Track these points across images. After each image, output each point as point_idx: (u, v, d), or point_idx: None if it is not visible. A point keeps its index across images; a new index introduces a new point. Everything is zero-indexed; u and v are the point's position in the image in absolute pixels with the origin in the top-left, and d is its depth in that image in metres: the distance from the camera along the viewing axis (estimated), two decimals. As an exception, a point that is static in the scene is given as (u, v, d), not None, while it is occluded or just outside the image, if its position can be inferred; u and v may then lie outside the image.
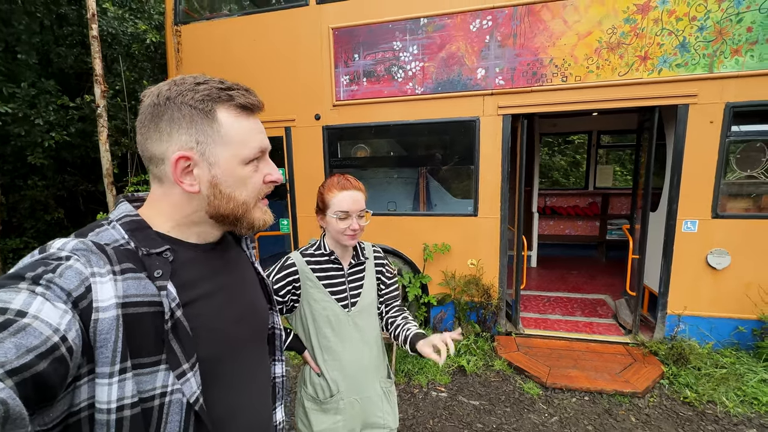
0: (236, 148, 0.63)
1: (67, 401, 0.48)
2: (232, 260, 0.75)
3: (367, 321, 1.33)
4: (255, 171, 0.66)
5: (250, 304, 0.75)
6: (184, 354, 0.58)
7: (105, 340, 0.49)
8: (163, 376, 0.56)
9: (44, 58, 5.21)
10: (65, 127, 4.77)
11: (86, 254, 0.52)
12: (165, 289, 0.57)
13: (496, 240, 3.49)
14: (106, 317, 0.50)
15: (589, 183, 6.25)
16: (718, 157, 2.98)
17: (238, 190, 0.64)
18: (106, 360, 0.49)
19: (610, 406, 2.67)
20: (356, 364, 1.30)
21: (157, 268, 0.58)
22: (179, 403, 0.57)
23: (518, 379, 3.02)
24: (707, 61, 2.90)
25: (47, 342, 0.43)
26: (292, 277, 1.25)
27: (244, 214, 0.66)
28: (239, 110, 0.64)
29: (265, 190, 0.68)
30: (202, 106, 0.60)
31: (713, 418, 2.53)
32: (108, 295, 0.51)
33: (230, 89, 0.63)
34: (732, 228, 3.04)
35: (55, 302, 0.46)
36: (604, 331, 3.57)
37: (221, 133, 0.61)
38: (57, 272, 0.48)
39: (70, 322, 0.46)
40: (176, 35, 4.07)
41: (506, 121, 3.32)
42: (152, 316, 0.55)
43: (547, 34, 3.13)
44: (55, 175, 5.84)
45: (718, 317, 3.17)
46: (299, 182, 3.92)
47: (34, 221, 5.77)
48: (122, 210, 0.63)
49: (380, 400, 1.36)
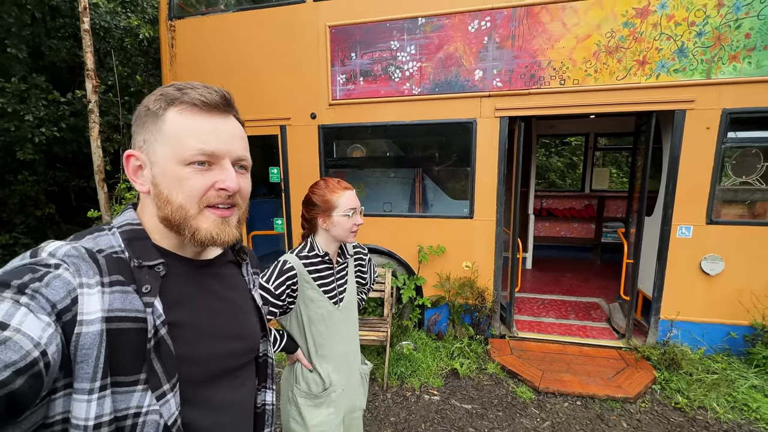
0: (173, 147, 0.58)
1: (41, 413, 0.47)
2: (226, 282, 0.72)
3: (351, 314, 1.44)
4: (198, 174, 0.59)
5: (239, 327, 0.72)
6: (166, 374, 0.55)
7: (86, 355, 0.48)
8: (139, 396, 0.53)
9: (35, 51, 5.11)
10: (56, 122, 4.68)
11: (77, 262, 0.51)
12: (151, 305, 0.55)
13: (491, 242, 3.47)
14: (90, 331, 0.48)
15: (585, 185, 6.26)
16: (714, 163, 2.98)
17: (174, 193, 0.59)
18: (86, 376, 0.48)
19: (602, 411, 2.67)
20: (345, 356, 1.40)
21: (146, 283, 0.56)
22: (154, 424, 0.54)
23: (511, 382, 3.01)
24: (705, 67, 2.89)
25: (26, 357, 0.41)
26: (292, 281, 1.28)
27: (184, 221, 0.60)
28: (191, 108, 0.59)
29: (215, 198, 0.60)
30: (155, 107, 0.59)
31: (704, 424, 2.54)
32: (94, 308, 0.49)
33: (189, 88, 0.59)
34: (726, 234, 3.05)
35: (38, 314, 0.45)
36: (597, 335, 3.58)
37: (162, 131, 0.58)
38: (44, 281, 0.47)
39: (52, 335, 0.45)
40: (170, 30, 4.00)
41: (503, 124, 3.30)
42: (135, 332, 0.53)
43: (545, 36, 3.11)
44: (46, 171, 5.75)
45: (711, 323, 3.18)
46: (294, 182, 3.88)
47: (24, 217, 5.68)
48: (126, 217, 0.62)
49: (359, 385, 1.49)
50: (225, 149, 0.61)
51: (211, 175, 0.60)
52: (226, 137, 0.61)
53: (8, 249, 5.56)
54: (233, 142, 0.62)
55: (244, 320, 0.74)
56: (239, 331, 0.71)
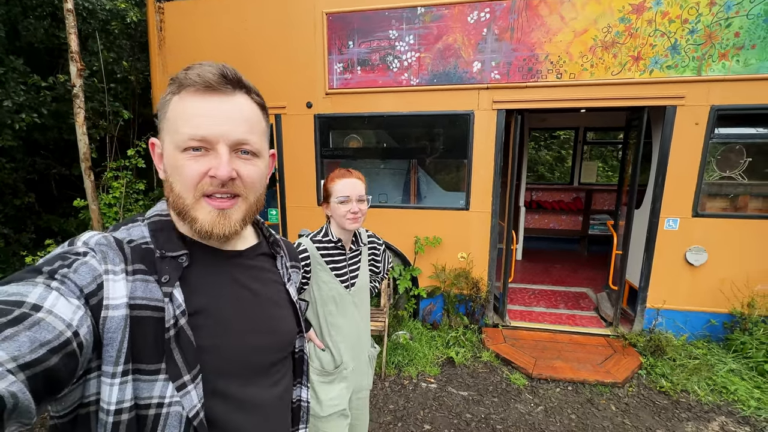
0: (171, 133, 0.57)
1: (79, 392, 0.50)
2: (256, 275, 0.70)
3: (362, 299, 1.52)
4: (192, 161, 0.56)
5: (268, 321, 0.69)
6: (186, 365, 0.55)
7: (112, 338, 0.49)
8: (161, 386, 0.53)
9: (11, 31, 4.84)
10: (36, 108, 4.46)
11: (105, 250, 0.53)
12: (170, 295, 0.55)
13: (486, 234, 3.53)
14: (116, 315, 0.50)
15: (574, 178, 6.39)
16: (702, 158, 3.09)
17: (175, 181, 0.58)
18: (110, 359, 0.49)
19: (592, 396, 2.79)
20: (354, 336, 1.47)
21: (166, 273, 0.56)
22: (178, 416, 0.54)
23: (505, 370, 3.10)
24: (696, 64, 2.98)
25: (60, 337, 0.43)
26: (305, 262, 1.37)
27: (183, 210, 0.58)
28: (189, 89, 0.56)
29: (208, 186, 0.57)
30: (167, 93, 0.59)
31: (687, 406, 2.68)
32: (120, 294, 0.51)
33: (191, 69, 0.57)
34: (710, 226, 3.18)
35: (69, 297, 0.47)
36: (586, 323, 3.71)
37: (167, 117, 0.58)
38: (72, 267, 0.49)
39: (83, 317, 0.47)
40: (159, 12, 3.84)
41: (500, 116, 3.33)
42: (155, 321, 0.53)
43: (544, 29, 3.13)
44: (25, 158, 5.49)
45: (693, 311, 3.34)
46: (289, 172, 3.83)
47: (2, 206, 5.43)
48: (157, 208, 0.64)
49: (367, 366, 1.56)
50: (217, 132, 0.56)
51: (205, 161, 0.56)
52: (221, 119, 0.56)
53: (-14, 239, 5.33)
54: (230, 123, 0.57)
55: (276, 314, 0.71)
56: (269, 324, 0.69)
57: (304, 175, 3.80)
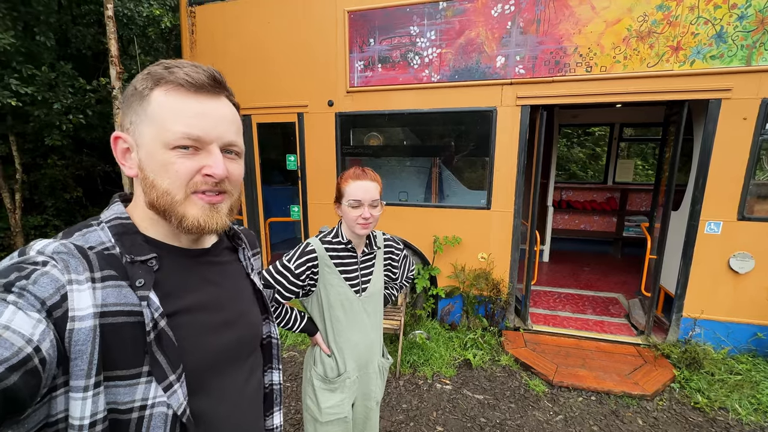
0: (158, 129, 0.55)
1: (44, 412, 0.46)
2: (223, 270, 0.72)
3: (374, 306, 1.43)
4: (184, 159, 0.56)
5: (240, 315, 0.71)
6: (170, 365, 0.55)
7: (81, 351, 0.47)
8: (143, 388, 0.53)
9: (62, 38, 5.24)
10: (82, 110, 4.81)
11: (66, 258, 0.50)
12: (147, 299, 0.54)
13: (508, 234, 3.42)
14: (83, 327, 0.47)
15: (608, 177, 6.06)
16: (750, 157, 2.82)
17: (160, 177, 0.56)
18: (81, 373, 0.47)
19: (617, 408, 2.64)
20: (362, 344, 1.40)
21: (140, 277, 0.55)
22: (162, 416, 0.55)
23: (524, 375, 3.00)
24: (745, 53, 2.72)
25: (19, 353, 0.40)
26: (312, 263, 1.31)
27: (170, 207, 0.58)
28: (176, 87, 0.56)
29: (201, 184, 0.58)
30: (141, 86, 0.56)
31: (724, 425, 2.47)
32: (85, 304, 0.48)
33: (176, 66, 0.56)
34: (758, 231, 2.91)
35: (28, 311, 0.44)
36: (615, 330, 3.51)
37: (148, 112, 0.56)
38: (31, 279, 0.46)
39: (44, 332, 0.44)
40: (191, 16, 4.02)
41: (525, 112, 3.20)
42: (132, 326, 0.53)
43: (572, 20, 2.97)
44: (74, 155, 5.96)
45: (737, 322, 3.07)
46: (311, 169, 3.89)
47: (54, 199, 5.93)
48: (114, 211, 0.61)
49: (376, 376, 1.49)
50: (213, 134, 0.58)
51: (197, 159, 0.57)
52: (214, 121, 0.58)
53: (40, 230, 5.83)
54: (222, 125, 0.59)
55: (246, 307, 0.74)
56: (241, 318, 0.71)
57: (325, 173, 3.85)
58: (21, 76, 4.24)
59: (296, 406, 2.63)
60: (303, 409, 1.46)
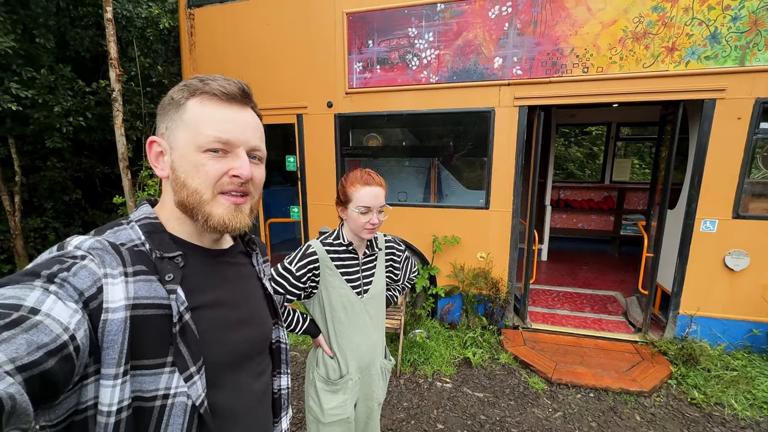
0: (192, 133, 0.61)
1: (74, 399, 0.50)
2: (240, 271, 0.76)
3: (376, 307, 1.43)
4: (214, 161, 0.62)
5: (253, 315, 0.75)
6: (192, 357, 0.59)
7: (113, 341, 0.50)
8: (167, 378, 0.56)
9: (60, 40, 5.24)
10: (82, 112, 4.82)
11: (101, 254, 0.54)
12: (175, 292, 0.58)
13: (507, 233, 3.45)
14: (115, 318, 0.51)
15: (605, 176, 6.10)
16: (744, 155, 2.86)
17: (191, 177, 0.61)
18: (112, 362, 0.50)
19: (615, 404, 2.67)
20: (364, 346, 1.40)
21: (168, 272, 0.59)
22: (182, 405, 0.58)
23: (523, 373, 3.03)
24: (739, 54, 2.76)
25: (57, 340, 0.43)
26: (313, 265, 1.31)
27: (198, 206, 0.62)
28: (210, 97, 0.62)
29: (228, 184, 0.63)
30: (178, 96, 0.62)
31: (720, 420, 2.51)
32: (118, 297, 0.52)
33: (211, 80, 0.63)
34: (753, 229, 2.95)
35: (66, 301, 0.47)
36: (613, 328, 3.55)
37: (183, 118, 0.62)
38: (71, 271, 0.49)
39: (80, 321, 0.47)
40: (190, 18, 4.04)
41: (522, 113, 3.24)
42: (159, 318, 0.56)
43: (569, 22, 3.01)
44: (73, 157, 5.96)
45: (732, 319, 3.11)
46: (310, 170, 3.92)
47: (53, 201, 5.93)
48: (143, 212, 0.65)
49: (378, 377, 1.48)
50: (241, 138, 0.63)
51: (225, 162, 0.62)
52: (242, 127, 0.64)
53: (39, 232, 5.83)
54: (249, 132, 0.65)
55: (258, 308, 0.78)
56: (254, 318, 0.75)
57: (325, 174, 3.87)
58: (21, 79, 4.24)
59: (297, 405, 2.66)
60: (305, 410, 1.46)
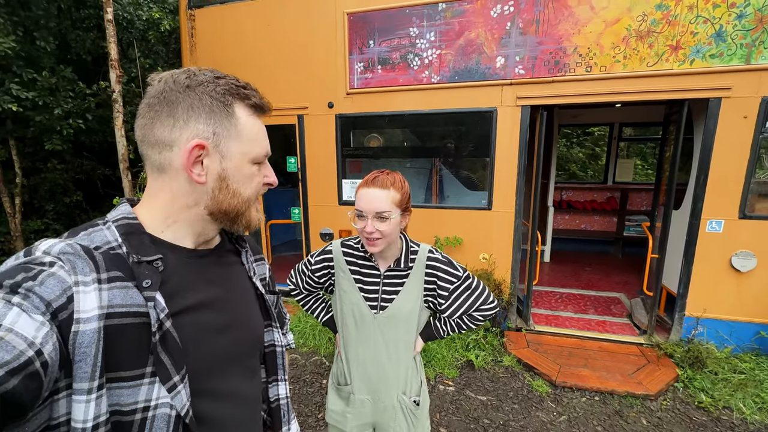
0: (248, 146, 0.63)
1: (45, 415, 0.46)
2: (227, 271, 0.72)
3: (395, 329, 1.23)
4: (259, 172, 0.68)
5: (240, 317, 0.71)
6: (174, 366, 0.55)
7: (85, 354, 0.46)
8: (147, 390, 0.53)
9: (62, 42, 5.25)
10: (82, 114, 4.81)
11: (72, 259, 0.49)
12: (153, 299, 0.54)
13: (509, 234, 3.42)
14: (87, 329, 0.47)
15: (608, 177, 6.06)
16: (750, 155, 2.82)
17: (244, 187, 0.65)
18: (85, 375, 0.46)
19: (620, 408, 2.63)
20: (372, 367, 1.26)
21: (146, 278, 0.55)
22: (165, 417, 0.54)
23: (527, 375, 2.99)
24: (744, 52, 2.72)
25: (20, 357, 0.40)
26: (329, 263, 1.29)
27: (245, 212, 0.67)
28: (253, 110, 0.65)
29: (262, 191, 0.70)
30: (223, 99, 0.61)
31: (729, 424, 2.46)
32: (91, 306, 0.48)
33: (246, 88, 0.64)
34: (760, 229, 2.90)
35: (32, 313, 0.43)
36: (617, 330, 3.50)
37: (237, 128, 0.62)
38: (37, 280, 0.45)
39: (47, 334, 0.43)
40: (190, 19, 4.03)
41: (525, 113, 3.21)
42: (137, 327, 0.52)
43: (572, 20, 2.98)
44: (74, 159, 5.96)
45: (740, 321, 3.07)
46: (311, 171, 3.89)
47: (54, 203, 5.92)
48: (121, 211, 0.61)
49: (395, 412, 1.27)
50: (269, 150, 0.70)
51: (261, 171, 0.68)
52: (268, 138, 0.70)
53: (40, 234, 5.82)
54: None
55: (248, 308, 0.75)
56: (243, 319, 0.72)
57: (326, 174, 3.85)
58: (21, 80, 4.24)
59: (298, 409, 2.62)
60: None
